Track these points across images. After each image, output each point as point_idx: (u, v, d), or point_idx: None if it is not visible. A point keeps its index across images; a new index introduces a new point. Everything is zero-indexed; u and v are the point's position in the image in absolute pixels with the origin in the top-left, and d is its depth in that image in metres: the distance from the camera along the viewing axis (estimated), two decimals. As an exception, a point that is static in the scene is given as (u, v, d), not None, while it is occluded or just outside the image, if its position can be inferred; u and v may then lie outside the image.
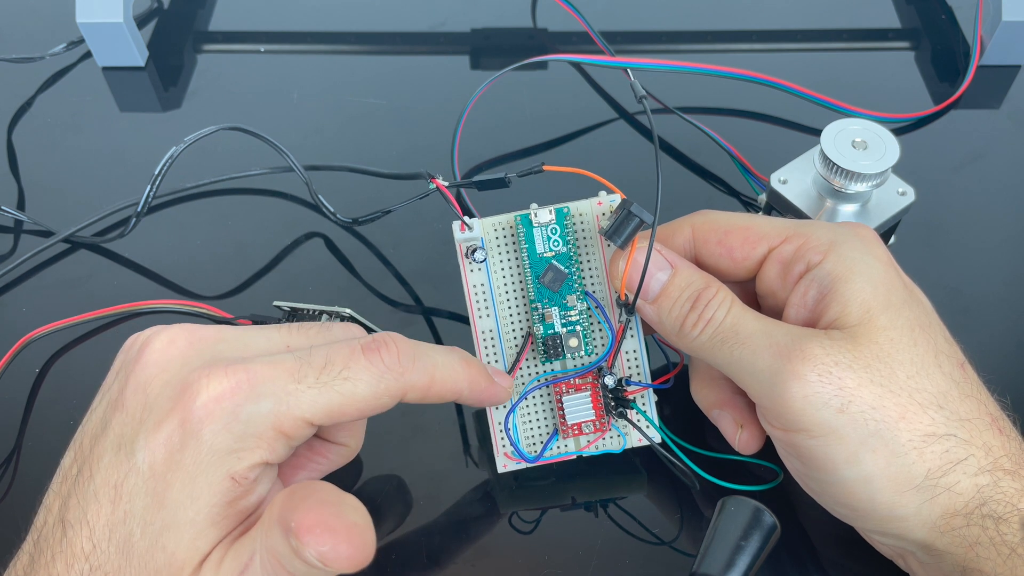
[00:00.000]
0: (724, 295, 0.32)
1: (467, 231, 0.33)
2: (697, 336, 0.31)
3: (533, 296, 0.34)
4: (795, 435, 0.30)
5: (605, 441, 0.36)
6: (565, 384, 0.35)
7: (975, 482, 0.29)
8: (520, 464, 0.35)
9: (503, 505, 0.37)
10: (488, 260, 0.34)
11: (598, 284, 0.35)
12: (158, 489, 0.26)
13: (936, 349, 0.30)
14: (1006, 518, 0.28)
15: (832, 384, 0.29)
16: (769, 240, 0.33)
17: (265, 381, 0.27)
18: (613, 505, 0.36)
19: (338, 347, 0.28)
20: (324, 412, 0.27)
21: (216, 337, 0.28)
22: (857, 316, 0.30)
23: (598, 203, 0.34)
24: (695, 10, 0.58)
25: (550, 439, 0.35)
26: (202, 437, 0.26)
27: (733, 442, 0.34)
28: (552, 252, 0.34)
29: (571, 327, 0.34)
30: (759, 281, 0.34)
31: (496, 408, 0.35)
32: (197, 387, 0.26)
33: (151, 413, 0.27)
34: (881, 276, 0.31)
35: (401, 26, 0.58)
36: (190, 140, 0.42)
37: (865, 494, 0.29)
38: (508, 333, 0.35)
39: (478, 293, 0.34)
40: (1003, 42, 0.52)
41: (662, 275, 0.32)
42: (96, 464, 0.27)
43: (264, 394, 0.27)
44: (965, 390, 0.30)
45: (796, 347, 0.29)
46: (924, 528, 0.29)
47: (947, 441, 0.29)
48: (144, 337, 0.29)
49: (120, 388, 0.28)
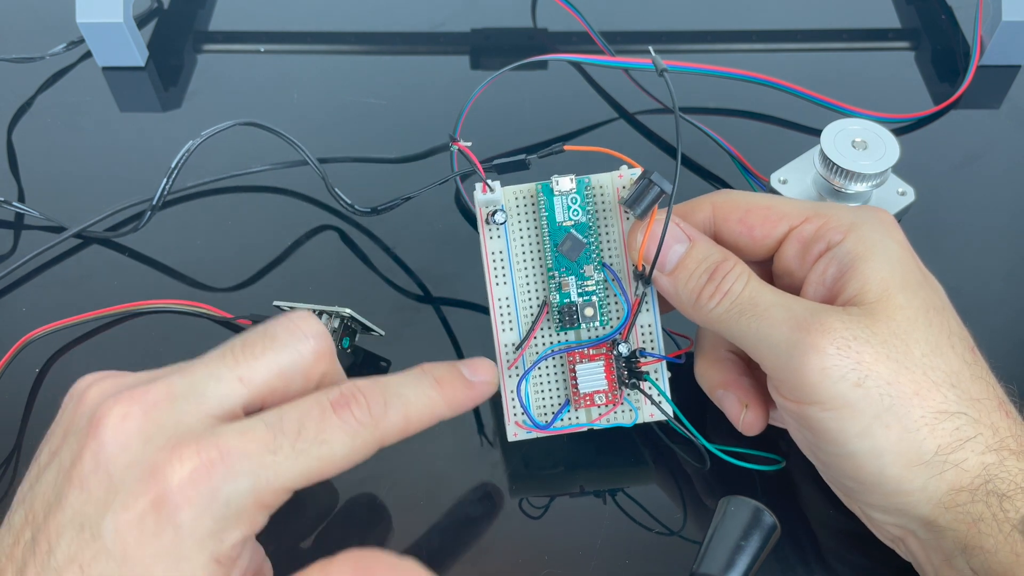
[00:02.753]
0: (741, 268, 0.32)
1: (489, 193, 0.33)
2: (714, 308, 0.32)
3: (551, 264, 0.34)
4: (808, 407, 0.30)
5: (616, 415, 0.36)
6: (579, 354, 0.35)
7: (982, 460, 0.29)
8: (531, 433, 0.35)
9: (507, 493, 0.37)
10: (508, 227, 0.34)
11: (616, 256, 0.35)
12: (136, 572, 0.25)
13: (949, 331, 0.31)
14: (1010, 495, 0.28)
15: (850, 358, 0.29)
16: (790, 219, 0.33)
17: (240, 458, 0.26)
18: (617, 498, 0.37)
19: (308, 408, 0.27)
20: (303, 478, 0.27)
21: (167, 395, 0.27)
22: (876, 294, 0.30)
23: (619, 176, 0.34)
24: (695, 10, 0.58)
25: (561, 409, 0.36)
26: (180, 522, 0.25)
27: (737, 423, 0.35)
28: (572, 221, 0.34)
29: (587, 297, 0.35)
30: (777, 260, 0.34)
31: (509, 376, 0.35)
32: (168, 470, 0.25)
33: (117, 495, 0.25)
34: (899, 258, 0.31)
35: (401, 26, 0.58)
36: (207, 134, 0.42)
37: (875, 468, 0.29)
38: (524, 301, 0.35)
39: (496, 260, 0.35)
40: (1003, 42, 0.52)
41: (680, 247, 0.33)
42: (56, 539, 0.25)
43: (241, 472, 0.26)
44: (976, 372, 0.30)
45: (815, 320, 0.30)
46: (929, 504, 0.29)
47: (958, 419, 0.29)
48: (91, 406, 0.27)
49: (73, 460, 0.26)
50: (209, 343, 0.42)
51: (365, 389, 0.28)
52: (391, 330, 0.42)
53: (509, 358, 0.35)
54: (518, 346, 0.35)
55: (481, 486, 0.37)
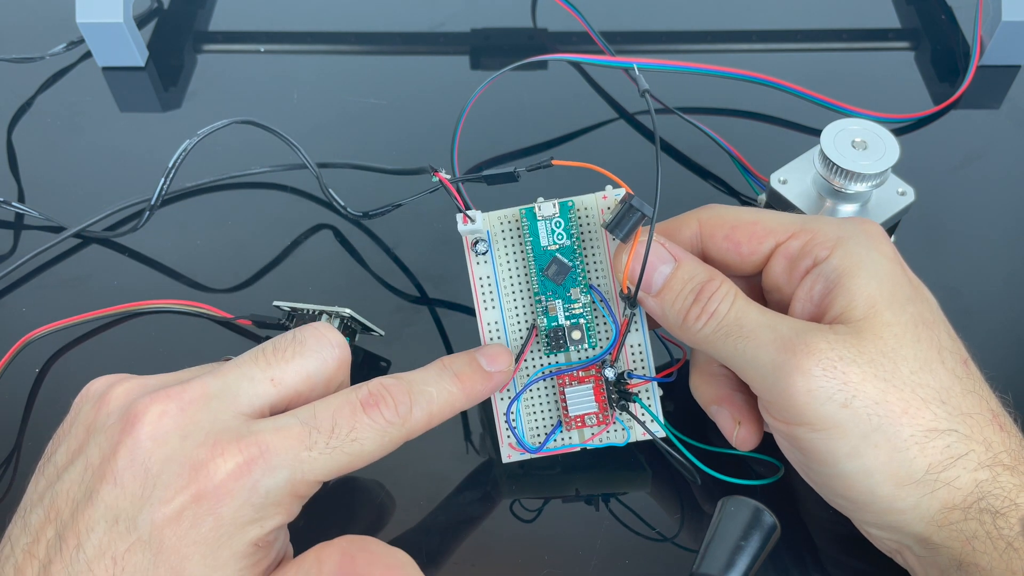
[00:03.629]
0: (727, 288, 0.32)
1: (469, 223, 0.33)
2: (700, 329, 0.31)
3: (537, 289, 0.34)
4: (797, 428, 0.30)
5: (609, 434, 0.36)
6: (568, 376, 0.35)
7: (974, 477, 0.29)
8: (524, 455, 0.36)
9: (506, 493, 0.37)
10: (494, 253, 0.34)
11: (603, 278, 0.35)
12: (172, 562, 0.26)
13: (939, 345, 0.30)
14: (1004, 513, 0.28)
15: (836, 379, 0.29)
16: (776, 235, 0.33)
17: (278, 453, 0.27)
18: (614, 501, 0.37)
19: (340, 406, 0.29)
20: (335, 472, 0.28)
21: (202, 394, 0.28)
22: (862, 311, 0.30)
23: (603, 197, 0.34)
24: (695, 10, 0.58)
25: (553, 431, 0.36)
26: (222, 513, 0.26)
27: (731, 438, 0.34)
28: (556, 245, 0.34)
29: (574, 320, 0.35)
30: (765, 276, 0.34)
31: (500, 399, 0.35)
32: (212, 467, 0.26)
33: (155, 490, 0.26)
34: (887, 272, 0.31)
35: (401, 26, 0.58)
36: (203, 133, 0.42)
37: (865, 487, 0.29)
38: (513, 324, 0.35)
39: (484, 285, 0.35)
40: (1003, 42, 0.52)
41: (665, 268, 0.32)
42: (85, 534, 0.26)
43: (278, 466, 0.27)
44: (967, 386, 0.30)
45: (800, 341, 0.29)
46: (922, 522, 0.29)
47: (948, 436, 0.29)
48: (120, 405, 0.28)
49: (105, 457, 0.27)
50: (209, 343, 0.43)
51: (392, 388, 0.30)
52: (391, 330, 0.42)
53: None
54: None
55: (481, 487, 0.37)
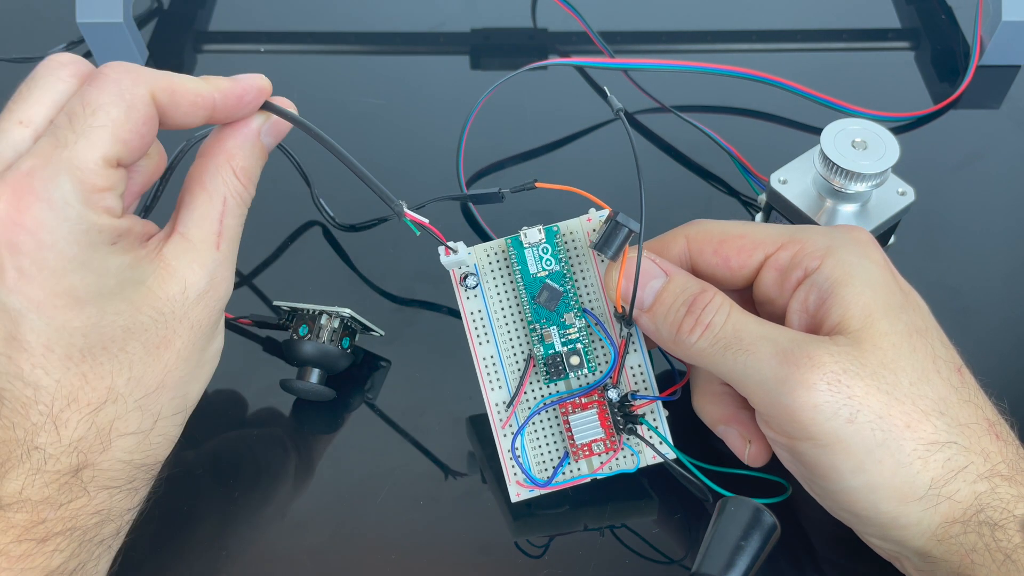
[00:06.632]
0: (721, 300, 0.31)
1: (452, 255, 0.33)
2: (696, 342, 0.31)
3: (531, 317, 0.34)
4: (799, 443, 0.30)
5: (618, 461, 0.35)
6: (571, 404, 0.34)
7: (973, 489, 0.29)
8: (534, 491, 0.35)
9: (513, 533, 0.36)
10: (484, 286, 0.34)
11: (595, 301, 0.34)
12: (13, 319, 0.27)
13: (934, 355, 0.30)
14: (1002, 524, 0.28)
15: (841, 392, 0.28)
16: (765, 247, 0.33)
17: (40, 168, 0.27)
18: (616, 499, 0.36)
19: (69, 103, 0.28)
20: (110, 146, 0.28)
21: None
22: (859, 320, 0.30)
23: (587, 219, 0.34)
24: (695, 10, 0.58)
25: (561, 462, 0.35)
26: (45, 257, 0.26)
27: (742, 457, 0.34)
28: (545, 271, 0.34)
29: (571, 345, 0.34)
30: (756, 288, 0.33)
31: (504, 435, 0.34)
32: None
33: None
34: (879, 279, 0.31)
35: (401, 26, 0.58)
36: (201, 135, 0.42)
37: (869, 503, 0.29)
38: (509, 357, 0.34)
39: (476, 320, 0.34)
40: (1003, 42, 0.52)
41: (656, 283, 0.32)
42: None
43: (52, 176, 0.27)
44: (963, 395, 0.30)
45: (803, 353, 0.29)
46: (923, 537, 0.29)
47: (949, 449, 0.29)
48: None
49: None
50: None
51: (112, 62, 0.29)
52: (391, 330, 0.42)
53: (502, 417, 0.34)
54: (508, 403, 0.34)
55: (481, 484, 0.37)
